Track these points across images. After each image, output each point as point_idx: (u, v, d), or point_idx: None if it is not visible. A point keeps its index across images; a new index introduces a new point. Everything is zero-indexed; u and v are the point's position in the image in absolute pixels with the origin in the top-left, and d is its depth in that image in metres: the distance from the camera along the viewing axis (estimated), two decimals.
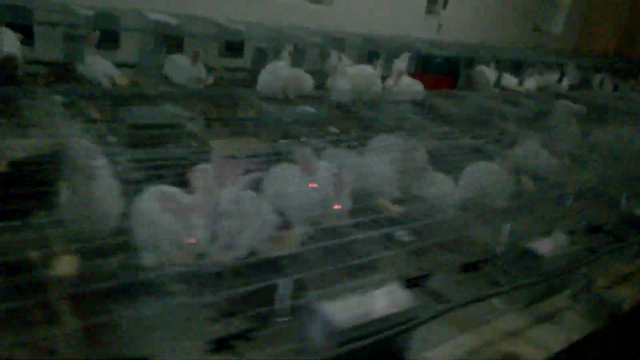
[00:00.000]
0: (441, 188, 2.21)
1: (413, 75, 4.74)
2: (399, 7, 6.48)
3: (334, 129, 3.11)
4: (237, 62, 4.48)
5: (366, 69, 4.19)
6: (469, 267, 1.88)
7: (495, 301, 1.76)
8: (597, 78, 7.09)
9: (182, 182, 1.41)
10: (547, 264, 1.76)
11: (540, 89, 5.95)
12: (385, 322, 1.24)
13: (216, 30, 4.23)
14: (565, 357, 1.63)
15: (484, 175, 2.31)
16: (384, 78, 4.34)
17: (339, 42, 5.18)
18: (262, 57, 4.11)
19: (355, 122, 2.81)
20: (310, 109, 2.76)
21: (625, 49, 9.72)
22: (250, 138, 2.09)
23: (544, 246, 1.81)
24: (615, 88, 7.07)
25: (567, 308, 1.79)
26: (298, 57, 3.80)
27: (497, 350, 1.56)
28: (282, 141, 1.87)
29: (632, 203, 2.19)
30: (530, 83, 5.88)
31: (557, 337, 1.67)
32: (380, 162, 2.20)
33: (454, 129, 2.75)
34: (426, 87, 4.54)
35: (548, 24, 9.23)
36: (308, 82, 3.71)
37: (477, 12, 7.66)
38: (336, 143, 2.23)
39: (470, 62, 5.84)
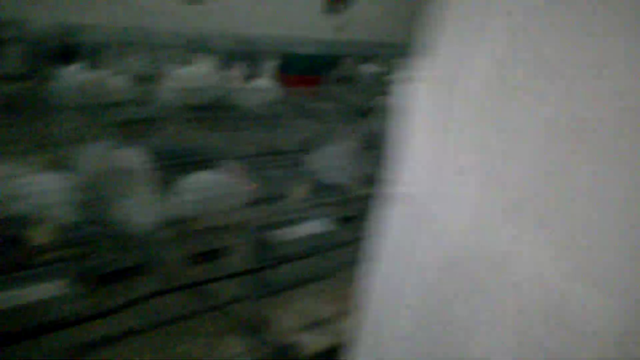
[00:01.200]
0: (132, 207, 1.78)
1: (280, 75, 4.37)
2: (286, 6, 6.08)
3: None
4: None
5: (200, 70, 3.78)
6: None
7: None
8: None
9: None
10: None
11: None
12: None
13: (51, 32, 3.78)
14: None
15: (202, 189, 1.89)
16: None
17: (203, 44, 4.78)
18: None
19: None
20: None
21: None
22: None
23: None
24: None
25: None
26: (97, 59, 3.35)
27: None
28: None
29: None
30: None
31: None
32: (50, 179, 1.77)
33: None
34: (288, 86, 4.22)
35: None
36: (114, 86, 3.27)
37: (390, 10, 7.29)
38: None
39: (357, 60, 5.49)
